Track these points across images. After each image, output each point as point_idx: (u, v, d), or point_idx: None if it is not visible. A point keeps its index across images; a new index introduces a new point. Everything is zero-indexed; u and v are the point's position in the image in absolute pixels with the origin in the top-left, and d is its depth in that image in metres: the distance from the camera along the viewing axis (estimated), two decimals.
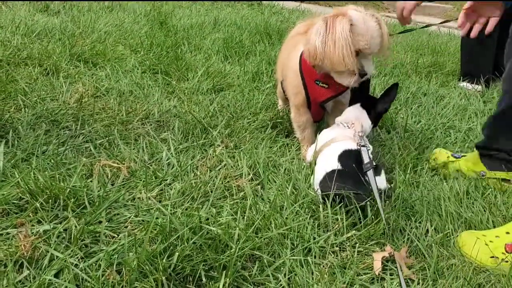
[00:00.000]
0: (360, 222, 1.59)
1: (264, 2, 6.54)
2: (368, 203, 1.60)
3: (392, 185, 1.86)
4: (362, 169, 1.69)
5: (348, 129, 1.94)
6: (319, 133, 2.02)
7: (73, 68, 2.79)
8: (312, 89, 2.02)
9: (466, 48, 3.69)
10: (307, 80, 2.02)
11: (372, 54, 1.91)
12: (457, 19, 1.92)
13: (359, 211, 1.58)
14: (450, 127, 2.68)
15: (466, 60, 3.71)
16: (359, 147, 1.79)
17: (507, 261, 1.52)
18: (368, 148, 1.84)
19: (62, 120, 2.10)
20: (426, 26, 2.68)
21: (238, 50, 3.60)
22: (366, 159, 1.73)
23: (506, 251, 1.55)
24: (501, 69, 2.90)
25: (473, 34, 1.88)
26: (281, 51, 2.42)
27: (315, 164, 1.85)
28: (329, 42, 1.75)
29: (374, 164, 1.74)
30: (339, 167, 1.70)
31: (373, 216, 1.63)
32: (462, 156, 2.14)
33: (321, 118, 2.33)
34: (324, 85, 1.98)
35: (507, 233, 1.60)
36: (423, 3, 1.97)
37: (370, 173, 1.66)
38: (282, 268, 1.37)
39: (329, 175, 1.69)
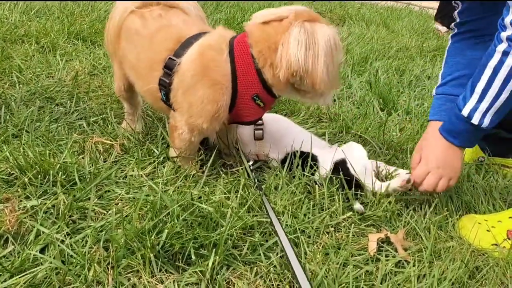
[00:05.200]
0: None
1: None
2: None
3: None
4: None
5: None
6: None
7: (71, 46, 2.75)
8: (245, 106, 1.57)
9: None
10: (242, 95, 1.54)
11: None
12: None
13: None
14: None
15: (441, 6, 4.93)
16: None
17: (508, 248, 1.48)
18: None
19: (57, 97, 2.07)
20: None
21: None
22: None
23: (508, 238, 1.51)
24: None
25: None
26: None
27: None
28: (313, 57, 1.41)
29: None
30: None
31: (373, 198, 1.60)
32: None
33: None
34: (261, 103, 1.56)
35: (510, 217, 1.56)
36: None
37: None
38: (274, 247, 1.34)
39: None
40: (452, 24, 1.84)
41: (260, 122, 1.75)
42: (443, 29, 4.99)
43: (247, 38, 1.50)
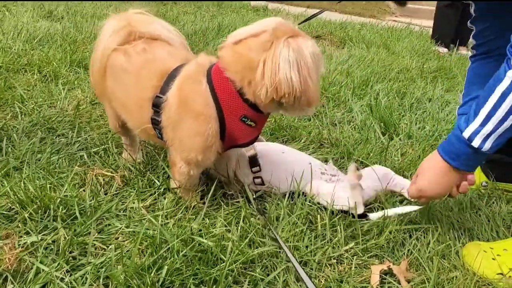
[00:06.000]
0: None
1: (270, 7, 6.53)
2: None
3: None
4: None
5: None
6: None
7: (73, 74, 2.77)
8: (235, 129, 1.51)
9: (437, 16, 5.37)
10: (229, 119, 1.48)
11: None
12: None
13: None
14: None
15: (435, 27, 5.40)
16: None
17: None
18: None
19: (58, 127, 2.08)
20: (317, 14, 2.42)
21: None
22: None
23: None
24: (461, 37, 5.25)
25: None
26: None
27: None
28: (306, 76, 1.37)
29: None
30: None
31: (373, 228, 1.59)
32: None
33: None
34: (252, 123, 1.51)
35: None
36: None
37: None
38: (275, 282, 1.33)
39: None
40: (471, 47, 1.88)
41: (257, 169, 1.75)
42: (444, 50, 5.03)
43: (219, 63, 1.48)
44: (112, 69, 1.66)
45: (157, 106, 1.52)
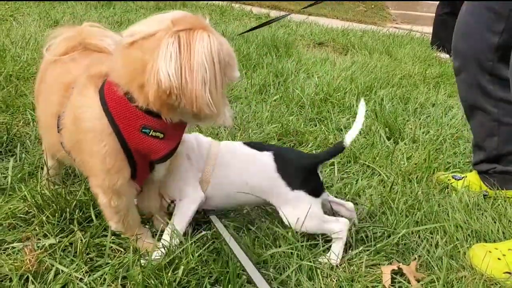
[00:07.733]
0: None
1: (271, 14, 6.58)
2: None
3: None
4: None
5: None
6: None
7: None
8: (139, 144, 1.26)
9: (436, 23, 5.53)
10: (127, 132, 1.24)
11: None
12: None
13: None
14: (459, 138, 2.66)
15: (434, 33, 5.56)
16: None
17: None
18: None
19: None
20: (268, 23, 2.37)
21: (245, 63, 3.61)
22: None
23: None
24: None
25: None
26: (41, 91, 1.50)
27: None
28: (187, 72, 1.13)
29: None
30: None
31: (384, 232, 1.62)
32: (463, 177, 2.11)
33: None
34: (158, 134, 1.26)
35: None
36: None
37: None
38: (288, 281, 1.36)
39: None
40: None
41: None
42: (445, 56, 5.08)
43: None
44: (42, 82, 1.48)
45: (59, 126, 1.32)
